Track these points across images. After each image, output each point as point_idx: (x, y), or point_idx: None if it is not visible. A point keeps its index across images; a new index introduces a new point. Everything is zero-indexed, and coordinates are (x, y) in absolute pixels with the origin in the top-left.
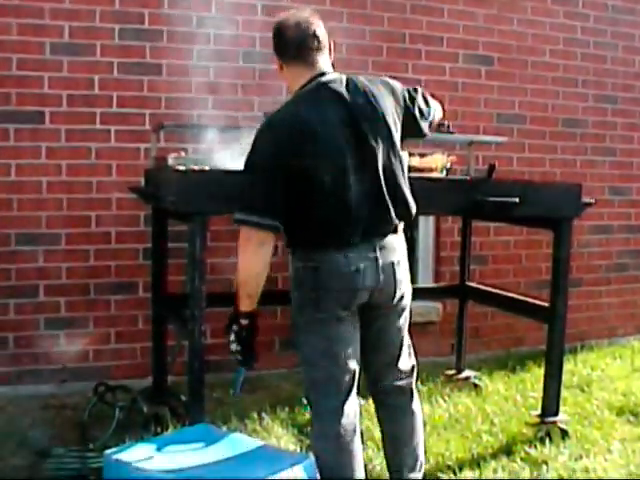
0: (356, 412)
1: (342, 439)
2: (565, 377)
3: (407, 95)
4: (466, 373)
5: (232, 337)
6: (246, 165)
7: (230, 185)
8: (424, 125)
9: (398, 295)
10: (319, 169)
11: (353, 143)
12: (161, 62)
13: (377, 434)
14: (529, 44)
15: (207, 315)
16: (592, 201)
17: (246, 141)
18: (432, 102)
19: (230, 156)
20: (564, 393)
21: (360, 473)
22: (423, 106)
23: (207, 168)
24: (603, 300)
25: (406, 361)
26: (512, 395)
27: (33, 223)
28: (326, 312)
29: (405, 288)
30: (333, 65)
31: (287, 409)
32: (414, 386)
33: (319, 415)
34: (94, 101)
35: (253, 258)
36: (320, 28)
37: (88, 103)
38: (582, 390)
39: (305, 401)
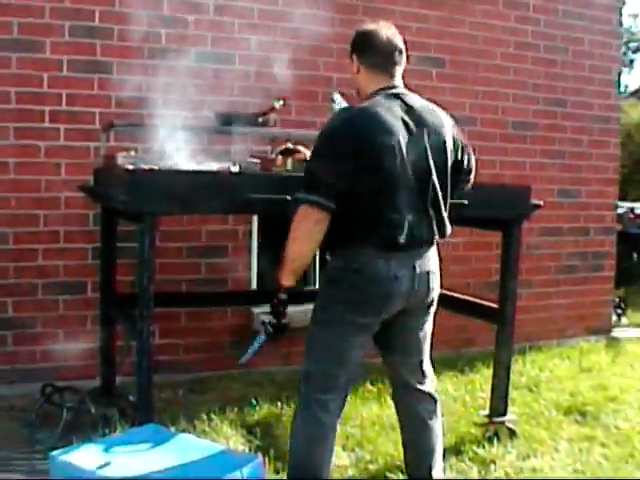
0: (340, 413)
1: (321, 432)
2: (514, 377)
3: (460, 142)
4: None
5: (269, 309)
6: (318, 148)
7: (180, 185)
8: (463, 185)
9: (428, 301)
10: (383, 167)
11: (415, 151)
12: (112, 60)
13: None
14: (480, 47)
15: (156, 315)
16: (541, 203)
17: (197, 141)
18: (473, 162)
19: (181, 156)
20: (513, 393)
21: (328, 468)
22: (469, 160)
23: (157, 168)
24: (552, 301)
25: (429, 365)
26: (461, 396)
27: None
28: (357, 315)
29: (435, 297)
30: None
31: (236, 410)
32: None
33: (306, 405)
34: (43, 99)
35: (307, 235)
36: (403, 47)
37: (37, 101)
38: (530, 390)
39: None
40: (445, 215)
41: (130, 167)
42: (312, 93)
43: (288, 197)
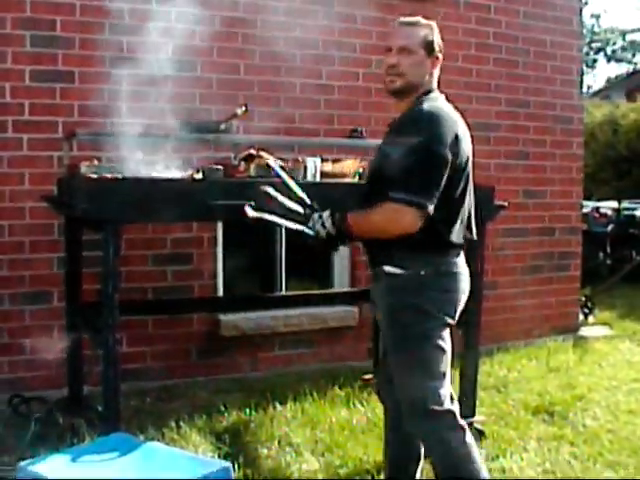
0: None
1: (465, 433)
2: (482, 378)
3: None
4: None
5: (329, 223)
6: (424, 148)
7: (143, 193)
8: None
9: None
10: (460, 169)
11: (466, 154)
12: (73, 69)
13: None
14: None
15: (123, 323)
16: (506, 204)
17: (159, 149)
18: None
19: (143, 164)
20: (481, 394)
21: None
22: None
23: (120, 176)
24: (519, 302)
25: None
26: None
27: None
28: (450, 316)
29: None
30: None
31: (204, 417)
32: None
33: (443, 422)
34: (5, 109)
35: (390, 234)
36: None
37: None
38: (499, 391)
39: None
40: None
41: (93, 176)
42: (274, 99)
43: (252, 203)
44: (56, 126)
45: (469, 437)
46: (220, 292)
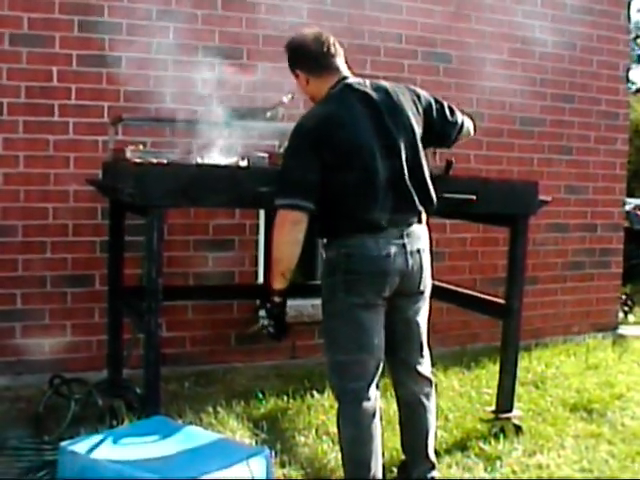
0: (377, 397)
1: (363, 421)
2: (520, 374)
3: (433, 100)
4: None
5: (263, 313)
6: (284, 156)
7: (188, 179)
8: (448, 128)
9: (424, 283)
10: (349, 156)
11: (378, 134)
12: (120, 54)
13: (332, 428)
14: (487, 42)
15: (164, 308)
16: (548, 199)
17: (205, 135)
18: (459, 114)
19: (189, 150)
20: (519, 389)
21: (378, 453)
22: (447, 112)
23: (165, 161)
24: (559, 298)
25: (426, 349)
26: (467, 391)
27: None
28: (358, 296)
29: (429, 277)
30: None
31: (242, 403)
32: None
33: (342, 398)
34: (53, 93)
35: (287, 237)
36: (332, 37)
37: (46, 95)
38: (536, 387)
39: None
40: (429, 188)
41: (138, 160)
42: None
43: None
44: (102, 110)
45: (366, 418)
46: (260, 279)
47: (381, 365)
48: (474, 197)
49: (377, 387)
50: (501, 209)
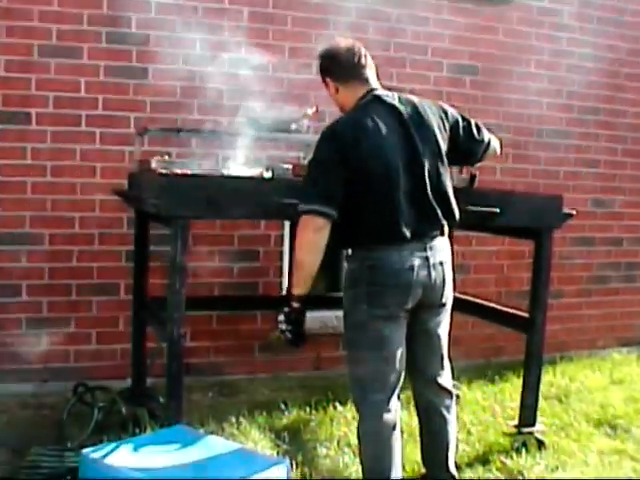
0: (398, 408)
1: (383, 434)
2: (543, 388)
3: (460, 118)
4: None
5: (282, 317)
6: (310, 163)
7: (212, 190)
8: (475, 146)
9: (446, 295)
10: (373, 167)
11: (403, 146)
12: (147, 66)
13: (353, 440)
14: (514, 54)
15: (187, 318)
16: (573, 212)
17: (229, 146)
18: (486, 132)
19: (213, 161)
20: (542, 404)
21: (397, 466)
22: (474, 130)
23: (190, 172)
24: (583, 312)
25: (447, 361)
26: (490, 405)
27: (17, 223)
28: (381, 308)
29: (450, 290)
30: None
31: (265, 414)
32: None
33: (363, 410)
34: (80, 103)
35: (309, 243)
36: (365, 49)
37: (74, 105)
38: (560, 401)
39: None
40: (451, 203)
41: (163, 171)
42: None
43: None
44: (128, 121)
45: (386, 430)
46: (284, 291)
47: (402, 377)
48: (498, 210)
49: (398, 398)
50: (525, 222)
